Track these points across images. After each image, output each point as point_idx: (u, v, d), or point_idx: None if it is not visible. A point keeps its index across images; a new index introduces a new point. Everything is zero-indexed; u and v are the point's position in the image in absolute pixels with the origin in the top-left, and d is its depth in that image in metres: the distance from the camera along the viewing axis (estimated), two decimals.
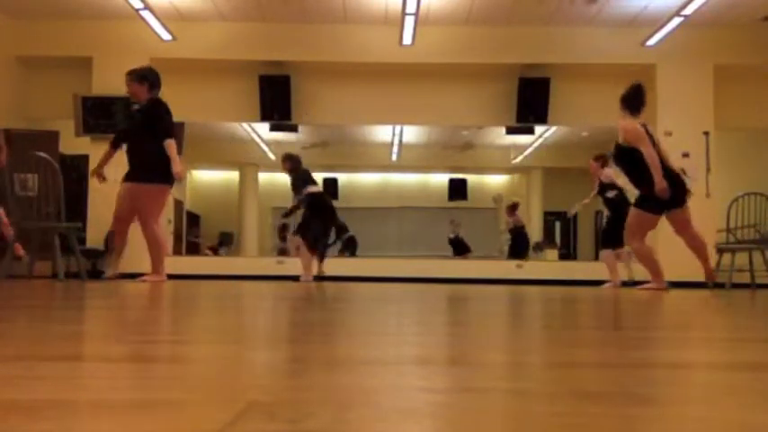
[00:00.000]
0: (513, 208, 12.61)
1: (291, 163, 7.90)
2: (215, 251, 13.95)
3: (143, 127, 5.49)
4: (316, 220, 7.76)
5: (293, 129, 11.00)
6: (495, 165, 15.26)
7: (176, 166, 5.27)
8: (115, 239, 5.87)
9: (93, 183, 9.75)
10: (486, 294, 3.77)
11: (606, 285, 7.57)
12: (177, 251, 12.12)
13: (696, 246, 5.82)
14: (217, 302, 2.46)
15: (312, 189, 7.88)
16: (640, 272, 7.05)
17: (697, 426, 0.53)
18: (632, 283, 7.31)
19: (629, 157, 5.56)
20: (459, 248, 13.65)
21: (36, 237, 6.09)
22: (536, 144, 13.82)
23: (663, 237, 8.02)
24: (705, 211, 7.71)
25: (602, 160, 7.91)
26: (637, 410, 0.58)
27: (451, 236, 13.84)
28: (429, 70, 10.03)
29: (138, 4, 8.44)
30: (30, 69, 10.05)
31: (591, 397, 0.64)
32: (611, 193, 7.71)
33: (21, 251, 6.51)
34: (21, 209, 5.84)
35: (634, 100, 5.65)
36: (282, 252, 11.86)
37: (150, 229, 5.37)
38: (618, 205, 7.54)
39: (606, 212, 8.04)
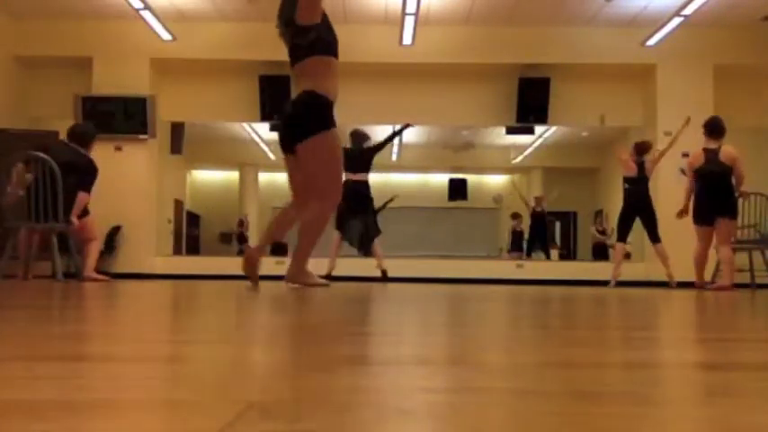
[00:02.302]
0: (539, 198, 13.06)
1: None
2: None
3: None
4: (346, 210, 7.67)
5: None
6: (495, 165, 15.27)
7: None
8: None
9: None
10: (486, 294, 3.77)
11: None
12: (177, 251, 12.12)
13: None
14: (217, 302, 2.46)
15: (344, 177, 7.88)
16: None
17: (697, 426, 0.53)
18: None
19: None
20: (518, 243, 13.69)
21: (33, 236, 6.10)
22: (536, 144, 13.84)
23: (666, 239, 8.03)
24: None
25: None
26: (637, 410, 0.58)
27: (518, 229, 13.84)
28: (429, 70, 10.03)
29: (138, 4, 8.44)
30: (30, 69, 10.05)
31: (591, 397, 0.64)
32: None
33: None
34: (18, 209, 5.84)
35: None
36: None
37: None
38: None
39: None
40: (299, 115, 4.01)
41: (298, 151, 4.00)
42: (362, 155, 7.91)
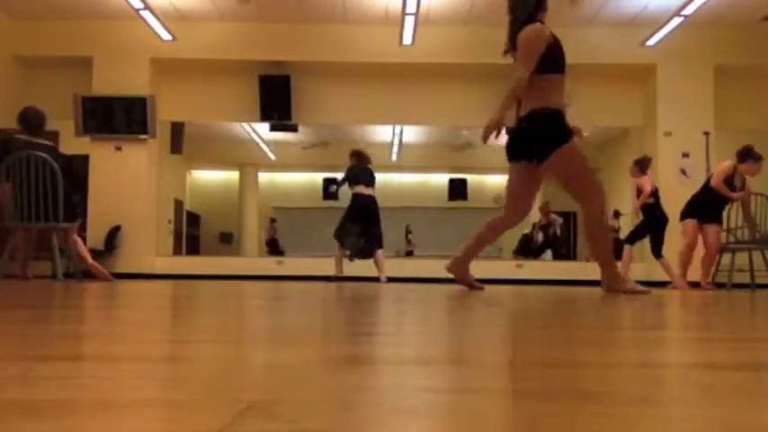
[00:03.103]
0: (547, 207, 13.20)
1: (350, 159, 8.32)
2: None
3: None
4: (349, 220, 8.12)
5: (293, 129, 11.00)
6: (495, 165, 15.24)
7: None
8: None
9: (92, 183, 9.78)
10: (486, 294, 3.77)
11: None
12: (177, 251, 12.12)
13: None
14: (217, 302, 2.46)
15: (356, 189, 8.14)
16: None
17: (697, 426, 0.53)
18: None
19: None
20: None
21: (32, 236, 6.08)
22: None
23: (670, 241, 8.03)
24: None
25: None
26: (637, 410, 0.58)
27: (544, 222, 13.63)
28: (429, 70, 10.03)
29: (138, 4, 8.45)
30: (30, 69, 10.05)
31: (591, 397, 0.64)
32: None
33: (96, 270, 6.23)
34: (17, 209, 5.83)
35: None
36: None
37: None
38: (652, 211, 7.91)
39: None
40: (539, 132, 4.15)
41: (548, 165, 4.11)
42: (369, 171, 8.29)
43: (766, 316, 2.16)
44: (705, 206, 7.25)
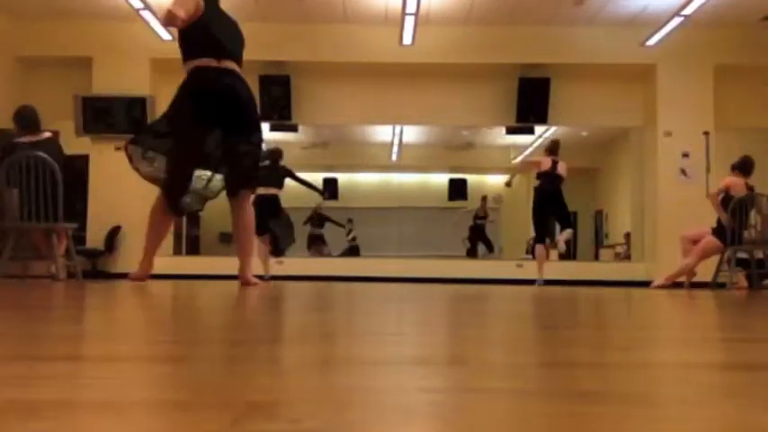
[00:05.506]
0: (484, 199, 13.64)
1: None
2: None
3: None
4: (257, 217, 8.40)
5: (293, 129, 11.00)
6: (495, 165, 15.27)
7: None
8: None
9: (92, 183, 9.78)
10: (486, 294, 3.77)
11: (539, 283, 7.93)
12: (177, 251, 12.11)
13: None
14: (216, 302, 2.46)
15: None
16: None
17: (696, 426, 0.53)
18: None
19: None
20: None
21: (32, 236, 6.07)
22: (536, 144, 13.83)
23: (664, 235, 8.01)
24: (705, 212, 7.72)
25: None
26: (636, 410, 0.58)
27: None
28: (429, 70, 10.03)
29: (138, 4, 8.44)
30: (30, 69, 10.04)
31: (590, 397, 0.64)
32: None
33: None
34: (18, 209, 5.82)
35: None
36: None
37: None
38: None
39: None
40: None
41: None
42: (277, 171, 8.15)
43: (766, 316, 2.16)
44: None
